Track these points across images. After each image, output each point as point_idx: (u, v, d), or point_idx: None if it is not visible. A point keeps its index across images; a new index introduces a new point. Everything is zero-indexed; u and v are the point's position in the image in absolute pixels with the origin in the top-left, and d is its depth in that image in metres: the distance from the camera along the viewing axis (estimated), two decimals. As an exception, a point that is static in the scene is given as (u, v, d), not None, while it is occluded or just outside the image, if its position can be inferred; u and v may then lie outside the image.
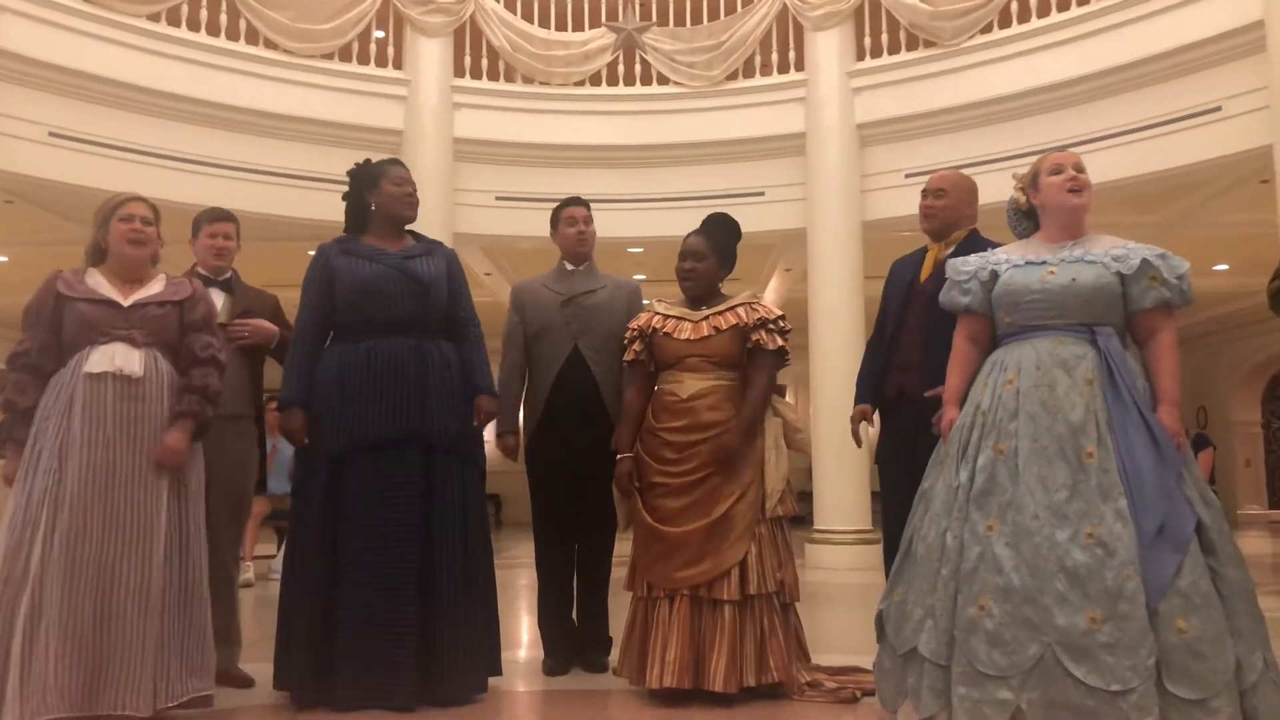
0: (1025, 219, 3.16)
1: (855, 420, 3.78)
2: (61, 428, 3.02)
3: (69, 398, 3.05)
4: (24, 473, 3.04)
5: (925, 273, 3.69)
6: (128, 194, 3.33)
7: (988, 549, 2.76)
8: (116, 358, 3.10)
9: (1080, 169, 3.02)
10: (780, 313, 3.64)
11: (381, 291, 3.52)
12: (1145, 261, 2.88)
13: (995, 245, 3.41)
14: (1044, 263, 2.96)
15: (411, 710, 3.28)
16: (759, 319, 3.57)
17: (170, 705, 3.03)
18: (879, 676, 3.08)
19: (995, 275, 3.03)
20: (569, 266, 4.18)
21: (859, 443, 3.81)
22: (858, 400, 3.81)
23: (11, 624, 2.87)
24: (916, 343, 3.58)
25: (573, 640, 4.03)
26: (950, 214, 3.71)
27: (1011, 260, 3.03)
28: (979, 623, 2.70)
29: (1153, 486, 2.66)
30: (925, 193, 3.77)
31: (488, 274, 10.50)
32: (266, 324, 3.84)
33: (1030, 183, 3.10)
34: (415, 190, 3.71)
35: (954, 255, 3.50)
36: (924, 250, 3.81)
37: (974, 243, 3.59)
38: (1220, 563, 2.65)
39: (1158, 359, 2.88)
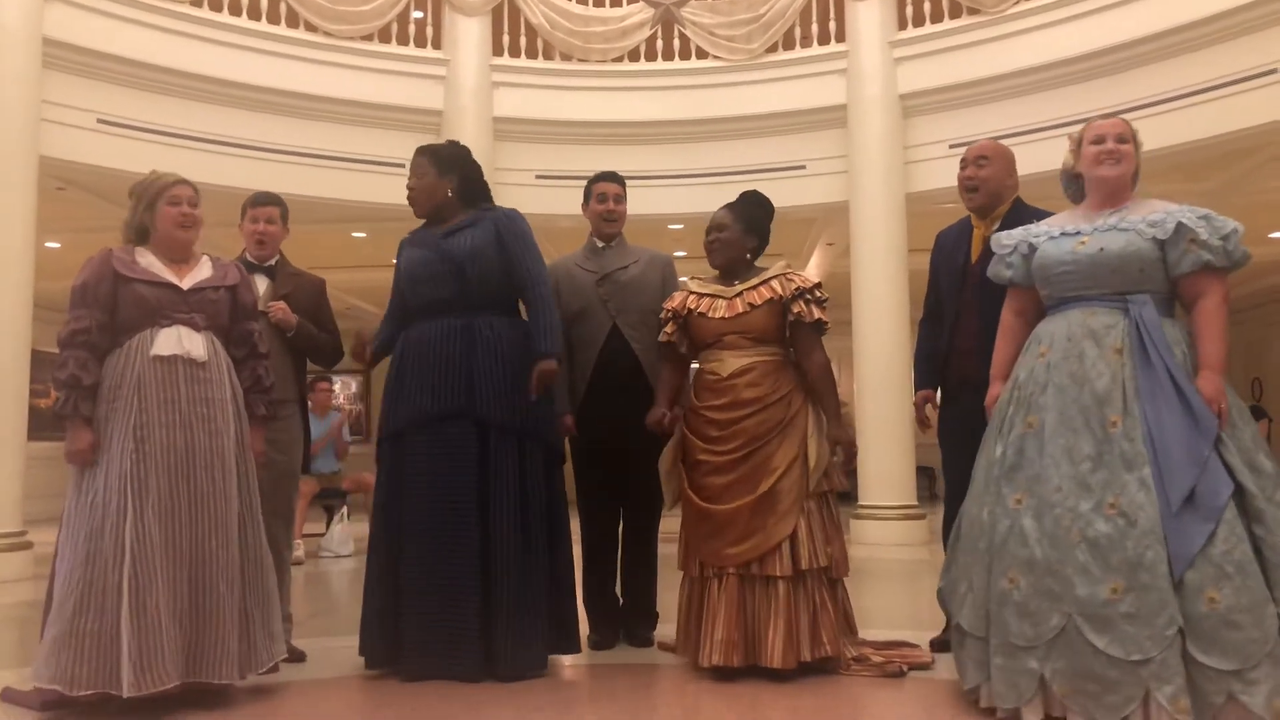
0: (1074, 182, 3.14)
1: (919, 405, 3.79)
2: (132, 409, 3.07)
3: (137, 379, 3.09)
4: (99, 453, 3.09)
5: (975, 253, 3.65)
6: (171, 176, 3.34)
7: (1016, 522, 2.80)
8: (183, 341, 3.16)
9: (1124, 139, 2.98)
10: (817, 280, 3.62)
11: (420, 276, 3.62)
12: (1181, 225, 2.80)
13: (1041, 213, 3.40)
14: (1078, 233, 2.95)
15: (476, 681, 3.35)
16: (796, 289, 3.54)
17: (259, 672, 3.19)
18: (953, 652, 3.12)
19: (1034, 248, 3.03)
20: (599, 244, 4.18)
21: (925, 426, 3.81)
22: (919, 385, 3.81)
23: (117, 598, 2.93)
24: (974, 328, 3.54)
25: (617, 615, 4.07)
26: (994, 184, 3.66)
27: (1049, 232, 3.03)
28: (1009, 595, 2.76)
29: (1182, 455, 2.63)
30: (965, 163, 3.71)
31: (529, 252, 10.53)
32: (288, 315, 3.83)
33: (1076, 147, 3.08)
34: (416, 183, 3.70)
35: (1001, 229, 3.47)
36: (968, 222, 3.75)
37: (1020, 213, 3.55)
38: (1268, 530, 2.60)
39: (1201, 324, 2.82)
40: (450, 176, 3.73)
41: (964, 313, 3.62)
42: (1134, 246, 2.83)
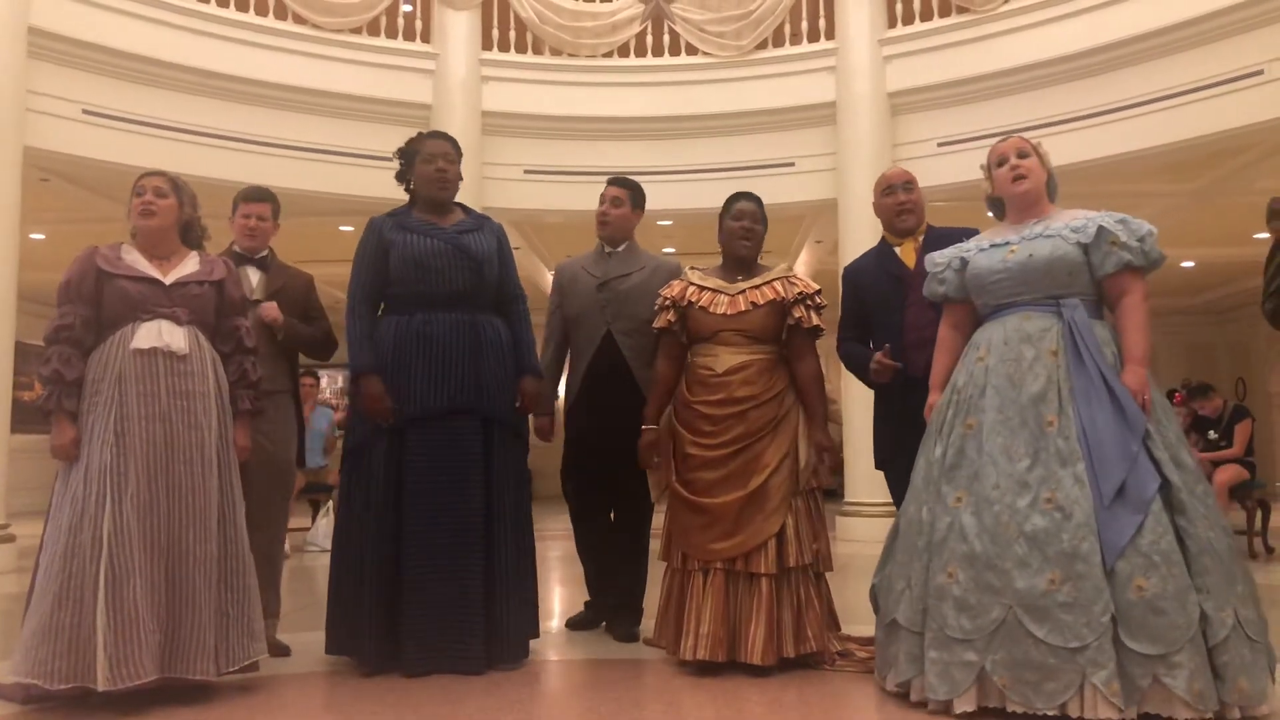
0: (997, 204, 3.29)
1: (881, 357, 3.56)
2: (113, 402, 3.06)
3: (117, 373, 3.08)
4: (79, 446, 3.07)
5: (913, 262, 3.70)
6: (148, 170, 3.37)
7: (956, 519, 2.91)
8: (163, 334, 3.14)
9: (1024, 154, 3.15)
10: (817, 287, 3.63)
11: (435, 266, 3.56)
12: (1102, 228, 2.97)
13: (949, 230, 3.63)
14: (1006, 243, 3.10)
15: (482, 673, 3.37)
16: (798, 294, 3.56)
17: (232, 669, 3.16)
18: (876, 648, 3.22)
19: (966, 262, 3.18)
20: (606, 249, 4.20)
21: (893, 368, 3.56)
22: (864, 357, 3.67)
23: (93, 592, 2.90)
24: (931, 319, 3.56)
25: (601, 605, 4.18)
26: (921, 206, 3.80)
27: (979, 245, 3.18)
28: (948, 589, 2.86)
29: (1113, 450, 2.76)
30: (894, 189, 3.79)
31: (516, 248, 10.52)
32: (277, 314, 3.79)
33: (988, 173, 3.25)
34: (449, 166, 3.68)
35: (927, 242, 3.65)
36: (884, 246, 3.82)
37: (936, 234, 3.70)
38: (1190, 522, 2.73)
39: (1125, 320, 2.98)
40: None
41: (913, 312, 3.60)
42: (1060, 251, 2.98)
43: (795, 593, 3.43)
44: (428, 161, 3.66)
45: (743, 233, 3.67)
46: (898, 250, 3.77)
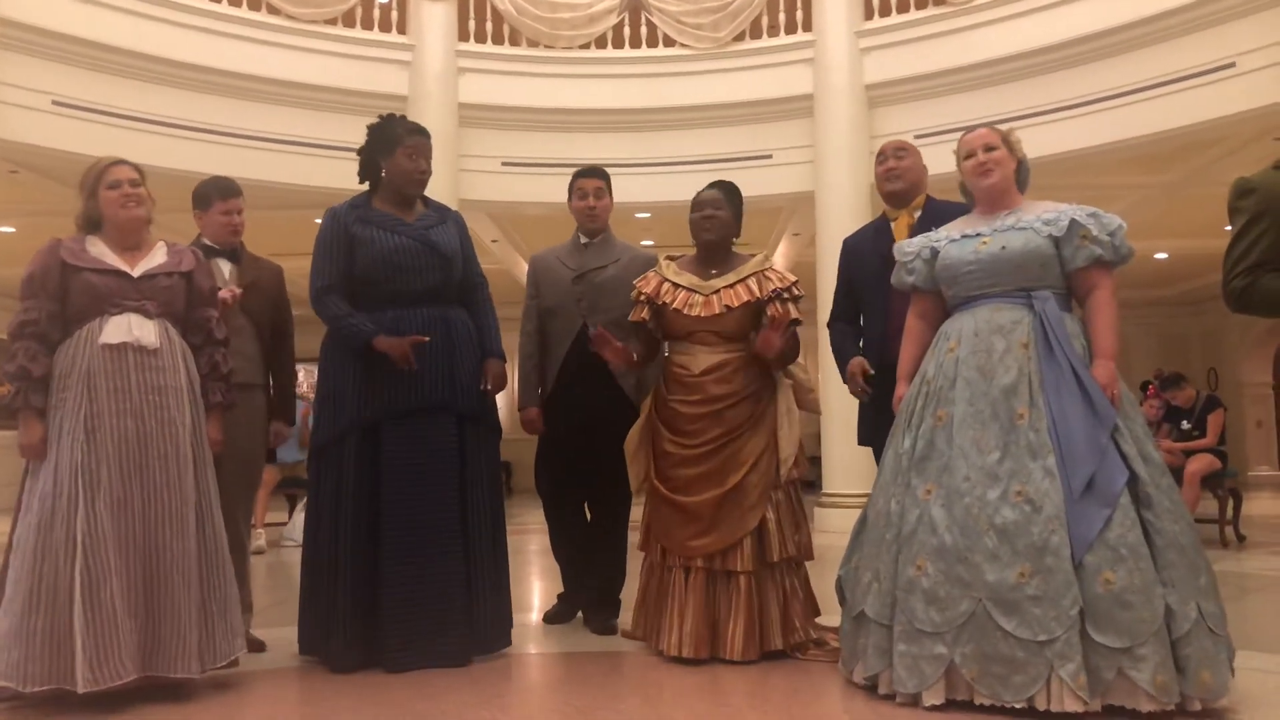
0: (968, 191, 3.27)
1: (857, 371, 3.62)
2: (82, 398, 3.00)
3: (86, 368, 3.03)
4: (48, 444, 3.02)
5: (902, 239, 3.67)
6: (108, 159, 3.26)
7: (925, 511, 2.90)
8: (133, 328, 3.09)
9: (991, 147, 3.12)
10: (794, 278, 3.61)
11: (406, 265, 3.51)
12: (1074, 222, 2.98)
13: (951, 204, 3.53)
14: (978, 234, 3.09)
15: (465, 664, 3.38)
16: (773, 290, 3.54)
17: (217, 666, 3.13)
18: (841, 640, 3.22)
19: (936, 252, 3.16)
20: (583, 239, 4.17)
21: (864, 395, 3.65)
22: (849, 358, 3.69)
23: (69, 592, 2.86)
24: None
25: (576, 597, 4.18)
26: (913, 174, 3.74)
27: (950, 236, 3.17)
28: (917, 582, 2.85)
29: (1083, 443, 2.76)
30: (884, 157, 3.77)
31: (494, 240, 10.46)
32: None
33: (959, 162, 3.22)
34: (428, 164, 3.64)
35: (922, 220, 3.60)
36: (882, 221, 3.78)
37: (936, 207, 3.65)
38: (1156, 515, 2.75)
39: (1095, 314, 2.99)
40: None
41: (902, 296, 3.58)
42: (1033, 244, 2.98)
43: (780, 585, 3.45)
44: (411, 157, 3.58)
45: (704, 223, 3.65)
46: (893, 225, 3.72)
